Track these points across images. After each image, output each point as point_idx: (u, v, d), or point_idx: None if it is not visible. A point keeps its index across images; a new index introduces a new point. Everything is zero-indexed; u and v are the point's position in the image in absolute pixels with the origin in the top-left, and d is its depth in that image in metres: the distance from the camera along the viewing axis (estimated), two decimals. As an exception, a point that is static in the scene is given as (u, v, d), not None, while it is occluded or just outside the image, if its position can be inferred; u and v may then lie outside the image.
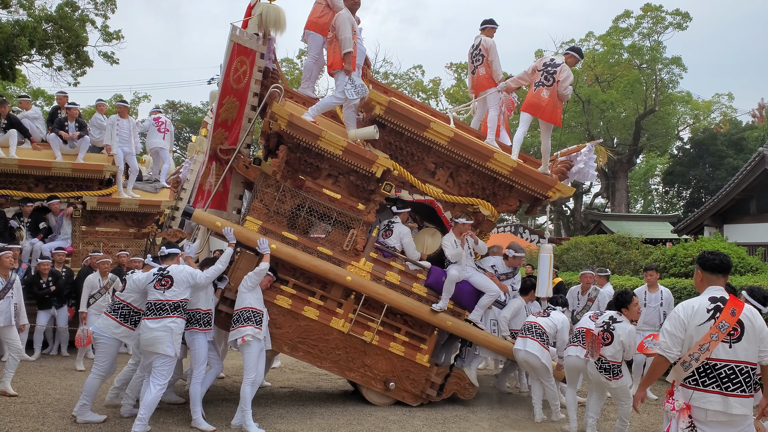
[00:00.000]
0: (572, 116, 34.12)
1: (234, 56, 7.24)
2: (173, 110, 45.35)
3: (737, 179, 22.72)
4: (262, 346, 6.56)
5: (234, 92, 7.50)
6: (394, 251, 7.69)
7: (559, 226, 39.11)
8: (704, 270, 4.30)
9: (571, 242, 18.53)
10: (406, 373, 7.52)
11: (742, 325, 4.06)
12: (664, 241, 23.37)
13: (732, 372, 4.04)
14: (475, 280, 7.65)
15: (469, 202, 7.80)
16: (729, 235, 21.03)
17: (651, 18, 33.53)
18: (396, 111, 7.22)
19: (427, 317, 7.49)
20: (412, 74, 36.89)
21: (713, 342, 4.03)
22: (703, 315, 4.12)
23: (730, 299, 4.14)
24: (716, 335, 4.03)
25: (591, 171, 7.99)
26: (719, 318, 4.06)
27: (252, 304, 6.51)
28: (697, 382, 4.09)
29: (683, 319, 4.16)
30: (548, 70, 7.87)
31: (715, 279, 4.27)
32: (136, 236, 11.81)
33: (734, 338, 4.04)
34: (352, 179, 7.52)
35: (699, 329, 4.09)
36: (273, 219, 7.34)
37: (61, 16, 21.67)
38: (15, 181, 10.97)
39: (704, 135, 37.76)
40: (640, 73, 33.23)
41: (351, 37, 7.16)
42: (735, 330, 4.04)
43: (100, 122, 12.12)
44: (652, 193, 48.72)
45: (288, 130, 6.97)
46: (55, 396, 7.46)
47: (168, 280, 6.21)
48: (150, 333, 6.07)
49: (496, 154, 7.55)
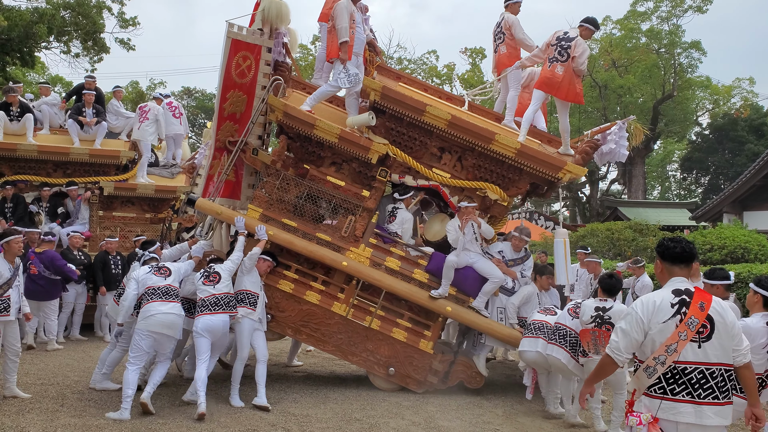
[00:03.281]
0: (589, 101, 33.73)
1: (233, 52, 7.50)
2: (188, 96, 45.52)
3: (758, 165, 22.43)
4: (256, 326, 6.86)
5: (239, 86, 7.73)
6: (396, 237, 7.66)
7: (575, 212, 38.84)
8: (664, 260, 3.75)
9: (587, 229, 18.44)
10: (409, 359, 7.50)
11: (712, 321, 3.53)
12: (681, 228, 23.17)
13: (703, 376, 3.49)
14: (480, 266, 7.49)
15: (474, 185, 7.61)
16: (749, 222, 20.79)
17: (670, 1, 32.97)
18: (390, 96, 7.26)
19: (425, 303, 7.44)
20: (426, 59, 36.64)
21: (681, 342, 3.48)
22: (666, 311, 3.57)
23: (696, 291, 3.60)
24: (685, 333, 3.49)
25: (622, 150, 7.62)
26: (688, 313, 3.52)
27: (246, 286, 6.87)
28: (664, 390, 3.53)
29: (641, 317, 3.61)
30: (562, 45, 7.51)
31: (678, 270, 3.71)
32: (152, 221, 11.92)
33: (703, 337, 3.51)
34: (354, 166, 7.66)
35: (663, 327, 3.55)
36: (274, 206, 7.58)
37: (78, 3, 21.83)
38: (34, 166, 11.10)
39: (724, 120, 37.24)
40: (658, 57, 32.77)
41: (347, 26, 7.28)
42: (704, 327, 3.52)
43: (117, 108, 12.19)
44: (669, 180, 48.24)
45: (285, 120, 7.29)
46: (74, 378, 7.59)
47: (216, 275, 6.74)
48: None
49: (498, 136, 7.29)
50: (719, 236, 12.89)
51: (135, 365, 6.25)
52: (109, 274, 10.28)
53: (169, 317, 6.30)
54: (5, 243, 6.67)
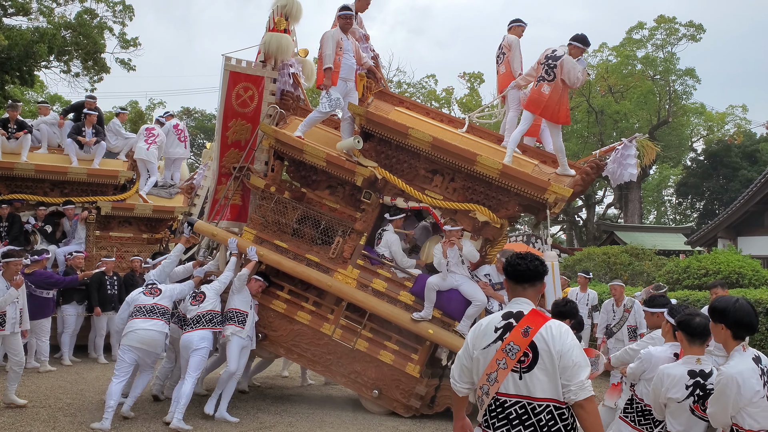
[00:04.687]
0: (586, 127, 34.03)
1: (232, 84, 8.05)
2: (188, 116, 45.69)
3: (751, 191, 22.58)
4: (245, 344, 7.14)
5: (241, 115, 8.22)
6: (383, 258, 7.66)
7: (572, 236, 38.89)
8: (508, 278, 3.33)
9: (583, 253, 18.46)
10: (396, 382, 7.42)
11: (536, 349, 3.03)
12: (677, 253, 23.20)
13: (524, 412, 3.00)
14: (464, 289, 7.33)
15: (463, 207, 7.51)
16: (743, 247, 20.85)
17: (664, 29, 33.44)
18: (374, 121, 7.45)
19: (407, 325, 7.36)
20: (425, 83, 36.97)
21: (501, 371, 3.05)
22: (489, 335, 3.16)
23: (529, 314, 3.14)
24: (504, 361, 3.05)
25: (626, 170, 7.39)
26: (506, 339, 3.08)
27: (236, 305, 7.18)
28: (489, 425, 3.10)
29: (468, 341, 3.25)
30: (549, 63, 7.32)
31: (521, 290, 3.27)
32: (149, 241, 11.88)
33: (524, 366, 3.03)
34: (347, 189, 7.84)
35: (485, 354, 3.13)
36: (268, 229, 7.84)
37: (80, 23, 21.94)
38: (31, 185, 11.07)
39: (718, 146, 37.54)
40: (653, 84, 33.13)
41: (332, 54, 7.62)
42: (526, 355, 3.03)
43: (118, 128, 12.21)
44: (665, 205, 48.43)
45: (277, 146, 7.73)
46: (66, 401, 7.50)
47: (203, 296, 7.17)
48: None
49: (480, 157, 7.18)
50: (714, 261, 12.93)
51: (119, 378, 6.59)
52: (105, 295, 10.21)
53: (149, 333, 6.68)
54: (5, 263, 6.96)
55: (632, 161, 7.41)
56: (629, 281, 15.10)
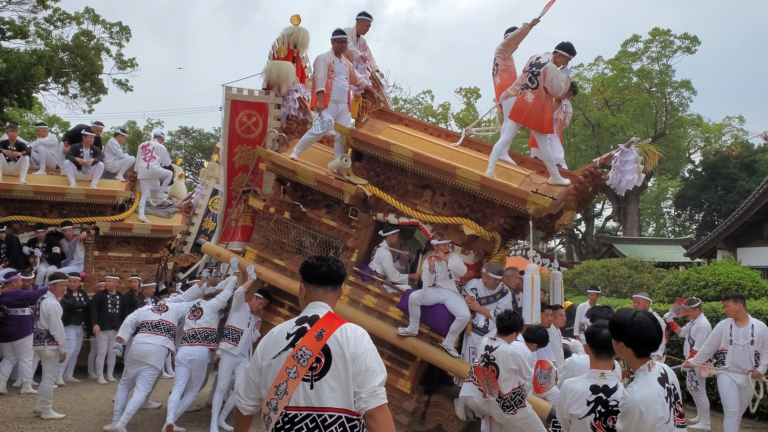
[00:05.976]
0: (582, 140, 34.19)
1: (234, 112, 8.45)
2: (186, 136, 45.85)
3: (750, 202, 22.60)
4: (238, 361, 7.30)
5: (246, 141, 8.62)
6: (374, 274, 7.64)
7: (571, 249, 38.91)
8: (306, 281, 3.06)
9: (582, 266, 18.46)
10: (387, 398, 7.26)
11: (329, 352, 2.77)
12: (676, 265, 23.19)
13: (315, 426, 2.70)
14: (449, 304, 7.06)
15: (450, 221, 7.37)
16: (742, 258, 20.84)
17: (659, 42, 33.70)
18: (359, 139, 7.59)
19: (393, 340, 7.22)
20: (421, 99, 37.20)
21: (291, 381, 2.75)
22: (281, 343, 2.86)
23: (324, 317, 2.90)
24: (294, 370, 2.76)
25: (627, 177, 7.13)
26: (298, 344, 2.80)
27: (233, 323, 7.39)
28: None
29: (257, 352, 2.95)
30: (533, 71, 7.02)
31: (321, 293, 3.02)
32: (147, 261, 11.88)
33: (316, 374, 2.75)
34: (343, 207, 7.92)
35: (274, 364, 2.82)
36: (268, 248, 8.06)
37: (77, 45, 22.15)
38: (30, 206, 11.11)
39: (716, 158, 37.66)
40: (649, 96, 33.34)
41: (324, 77, 7.85)
42: (318, 361, 2.76)
43: (116, 149, 12.23)
44: (664, 217, 48.50)
45: (273, 168, 8.00)
46: (66, 422, 7.47)
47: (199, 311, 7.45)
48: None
49: (459, 170, 7.01)
50: (714, 273, 12.89)
51: (124, 386, 7.22)
52: (105, 313, 10.20)
53: (147, 347, 7.05)
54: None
55: (631, 167, 7.18)
56: (628, 294, 15.07)
